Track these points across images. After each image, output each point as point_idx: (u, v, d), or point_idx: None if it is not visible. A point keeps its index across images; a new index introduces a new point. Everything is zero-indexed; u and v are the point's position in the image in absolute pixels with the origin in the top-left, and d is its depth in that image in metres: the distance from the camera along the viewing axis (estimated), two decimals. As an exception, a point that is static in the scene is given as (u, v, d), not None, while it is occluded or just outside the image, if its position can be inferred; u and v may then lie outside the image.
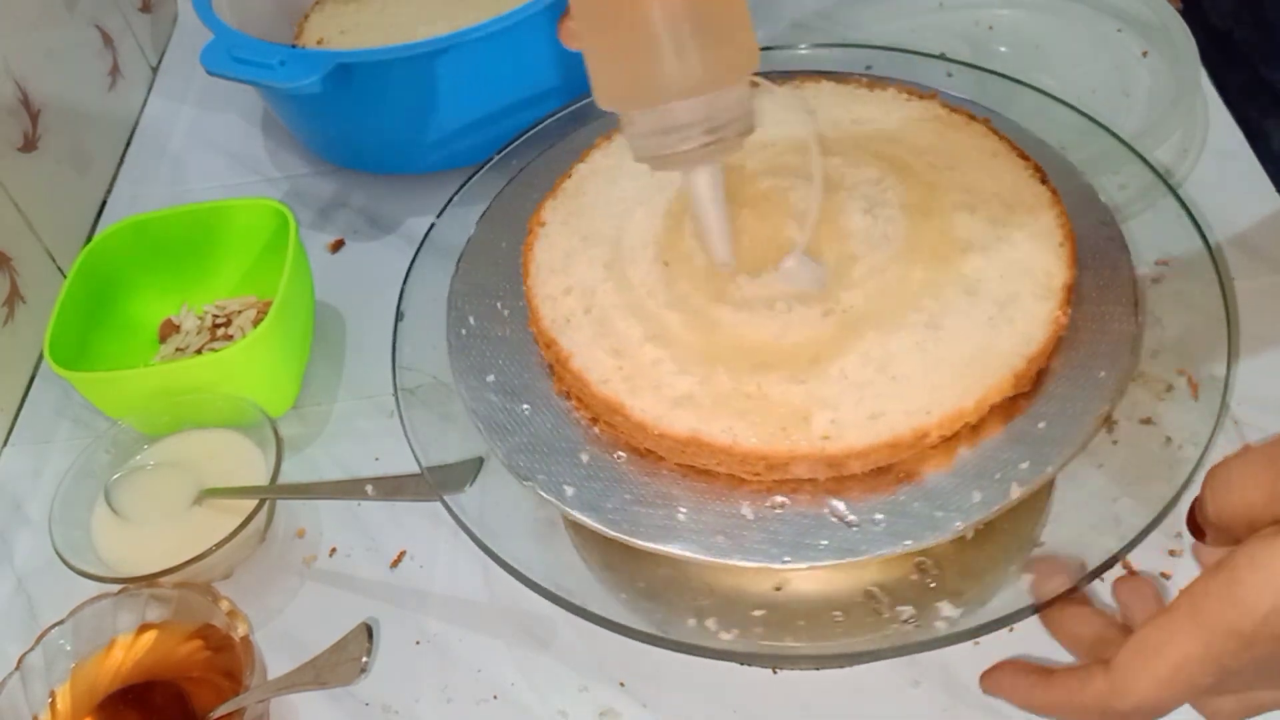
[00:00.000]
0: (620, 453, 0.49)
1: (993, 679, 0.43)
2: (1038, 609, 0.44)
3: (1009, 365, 0.46)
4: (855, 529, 0.45)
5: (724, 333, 0.49)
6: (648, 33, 0.41)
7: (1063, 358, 0.48)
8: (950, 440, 0.46)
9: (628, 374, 0.49)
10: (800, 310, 0.49)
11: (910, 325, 0.48)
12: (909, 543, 0.44)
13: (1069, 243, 0.50)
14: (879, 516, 0.45)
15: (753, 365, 0.48)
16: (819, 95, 0.60)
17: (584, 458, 0.49)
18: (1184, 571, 0.54)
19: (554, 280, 0.54)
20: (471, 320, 0.55)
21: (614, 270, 0.53)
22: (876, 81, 0.60)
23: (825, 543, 0.45)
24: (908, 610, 0.49)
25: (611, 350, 0.50)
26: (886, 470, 0.46)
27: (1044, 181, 0.53)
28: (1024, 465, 0.45)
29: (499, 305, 0.55)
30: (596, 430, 0.50)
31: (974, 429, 0.46)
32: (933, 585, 0.50)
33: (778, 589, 0.51)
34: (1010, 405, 0.47)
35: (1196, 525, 0.40)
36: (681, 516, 0.46)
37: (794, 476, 0.46)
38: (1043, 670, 0.41)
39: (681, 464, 0.48)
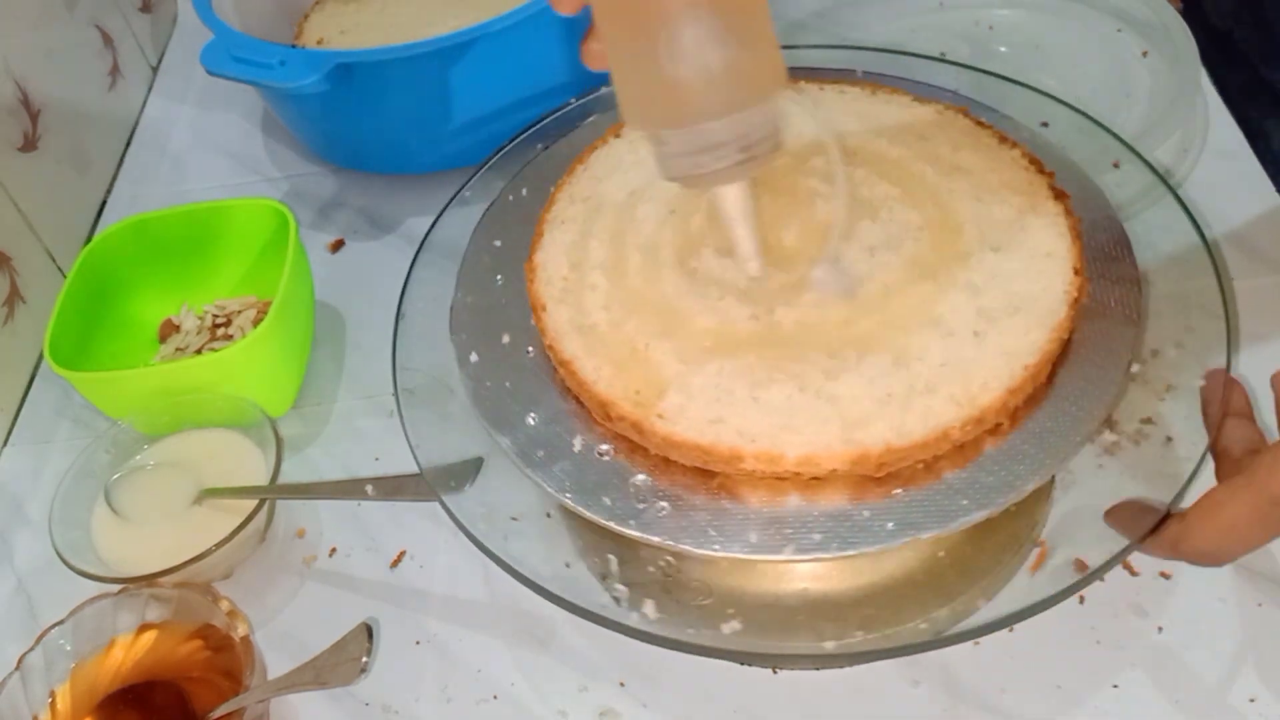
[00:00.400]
0: (531, 348, 0.52)
1: (1112, 513, 0.47)
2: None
3: (860, 446, 0.44)
4: (638, 504, 0.46)
5: (659, 290, 0.50)
6: (678, 53, 0.40)
7: (968, 461, 0.45)
8: (785, 481, 0.45)
9: (568, 286, 0.51)
10: (732, 303, 0.48)
11: (810, 364, 0.46)
12: (659, 539, 0.45)
13: (1036, 372, 0.46)
14: (663, 505, 0.46)
15: (659, 328, 0.48)
16: (948, 128, 0.57)
17: (505, 339, 0.52)
18: (1184, 572, 0.54)
19: (586, 185, 0.56)
20: (524, 192, 0.59)
21: (633, 198, 0.54)
22: (1030, 158, 0.55)
23: (608, 501, 0.46)
24: (623, 590, 0.51)
25: (571, 262, 0.52)
26: (711, 475, 0.46)
27: (1074, 304, 0.48)
28: (816, 537, 0.44)
29: (550, 187, 0.58)
30: (533, 321, 0.52)
31: (815, 484, 0.45)
32: (665, 583, 0.52)
33: (549, 515, 0.55)
34: (865, 483, 0.45)
35: None
36: (530, 420, 0.49)
37: (625, 434, 0.47)
38: (1146, 510, 0.46)
39: (565, 381, 0.49)
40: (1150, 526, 0.45)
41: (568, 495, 0.46)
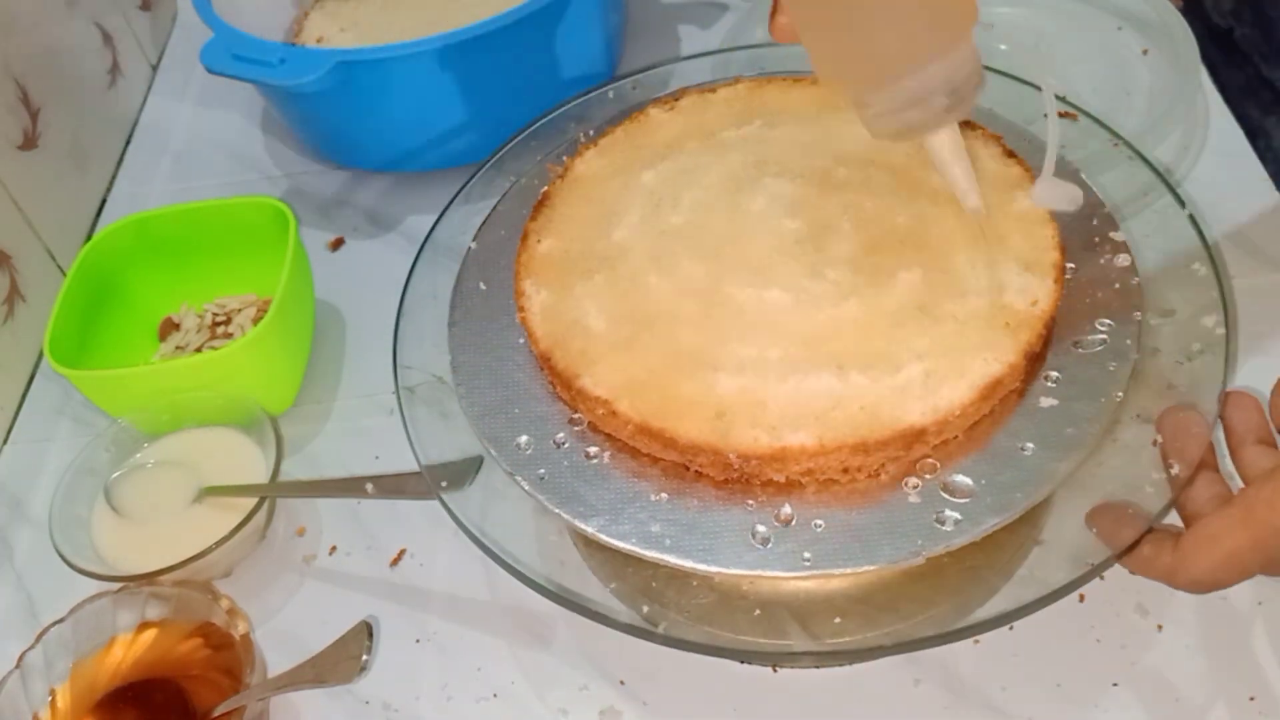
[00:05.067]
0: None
1: (1096, 514, 0.47)
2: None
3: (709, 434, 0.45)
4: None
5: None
6: (871, 10, 0.40)
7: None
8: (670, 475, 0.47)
9: (582, 229, 0.54)
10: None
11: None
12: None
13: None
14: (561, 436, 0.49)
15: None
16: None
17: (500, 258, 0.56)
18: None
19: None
20: (592, 132, 0.61)
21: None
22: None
23: (517, 411, 0.50)
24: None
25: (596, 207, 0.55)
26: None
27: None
28: (663, 496, 0.47)
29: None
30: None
31: (666, 465, 0.47)
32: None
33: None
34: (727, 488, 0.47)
35: None
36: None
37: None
38: (1127, 517, 0.46)
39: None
40: (1132, 540, 0.44)
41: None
